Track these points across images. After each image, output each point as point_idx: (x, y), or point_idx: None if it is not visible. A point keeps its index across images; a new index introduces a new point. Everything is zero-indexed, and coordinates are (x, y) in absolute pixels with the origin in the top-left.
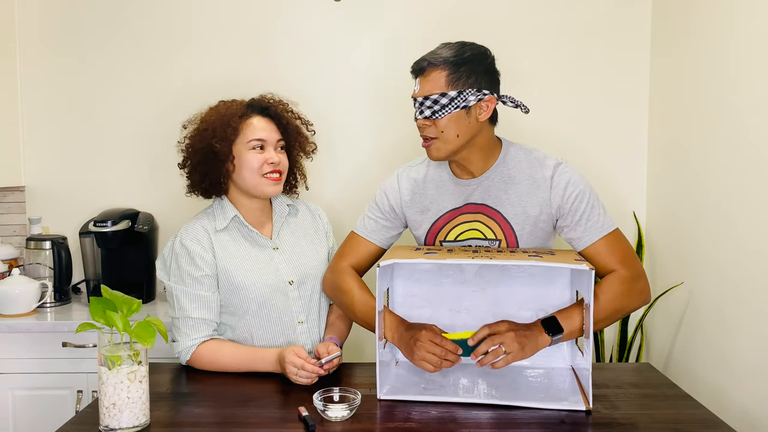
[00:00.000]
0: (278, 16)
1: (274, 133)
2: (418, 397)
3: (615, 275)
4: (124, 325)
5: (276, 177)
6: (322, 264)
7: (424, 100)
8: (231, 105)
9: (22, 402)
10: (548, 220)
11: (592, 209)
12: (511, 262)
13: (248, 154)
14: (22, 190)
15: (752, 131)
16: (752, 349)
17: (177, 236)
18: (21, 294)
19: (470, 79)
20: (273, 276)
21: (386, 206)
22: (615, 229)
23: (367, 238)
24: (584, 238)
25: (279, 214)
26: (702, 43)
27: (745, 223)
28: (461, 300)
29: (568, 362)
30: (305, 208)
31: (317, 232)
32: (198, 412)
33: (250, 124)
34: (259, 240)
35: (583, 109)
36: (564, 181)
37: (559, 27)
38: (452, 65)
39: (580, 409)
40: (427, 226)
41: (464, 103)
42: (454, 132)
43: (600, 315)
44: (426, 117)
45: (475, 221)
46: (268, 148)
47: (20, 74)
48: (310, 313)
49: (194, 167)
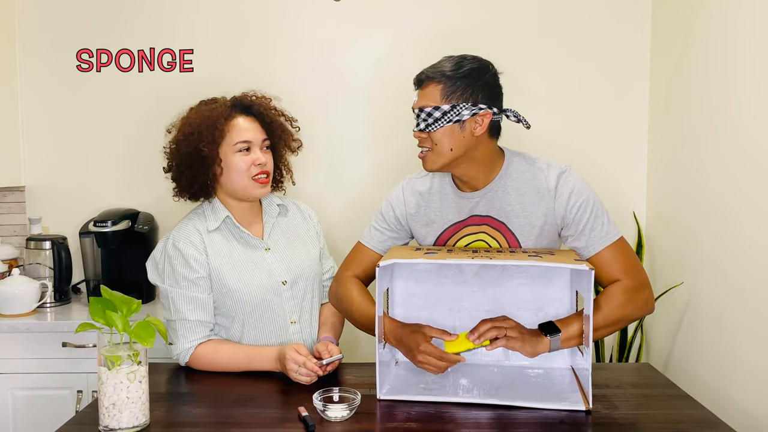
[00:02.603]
0: (278, 16)
1: (259, 133)
2: (418, 397)
3: (618, 285)
4: (124, 325)
5: (264, 179)
6: (314, 263)
7: (419, 112)
8: (214, 106)
9: (22, 402)
10: (553, 230)
11: (596, 219)
12: (510, 262)
13: (235, 157)
14: (22, 190)
15: (753, 131)
16: (752, 349)
17: (168, 238)
18: (21, 294)
19: (465, 93)
20: (266, 277)
21: (392, 218)
22: (619, 238)
23: (372, 248)
24: (588, 248)
25: (269, 214)
26: (702, 45)
27: (745, 223)
28: (461, 300)
29: (568, 362)
30: (295, 207)
31: (308, 231)
32: (197, 413)
33: (235, 126)
34: (251, 241)
35: (583, 110)
36: (567, 190)
37: (557, 30)
38: (448, 79)
39: (579, 409)
40: (432, 238)
41: (457, 117)
42: (447, 145)
43: (602, 323)
44: (420, 129)
45: (480, 233)
46: (254, 149)
47: (20, 75)
48: (302, 313)
49: (181, 172)
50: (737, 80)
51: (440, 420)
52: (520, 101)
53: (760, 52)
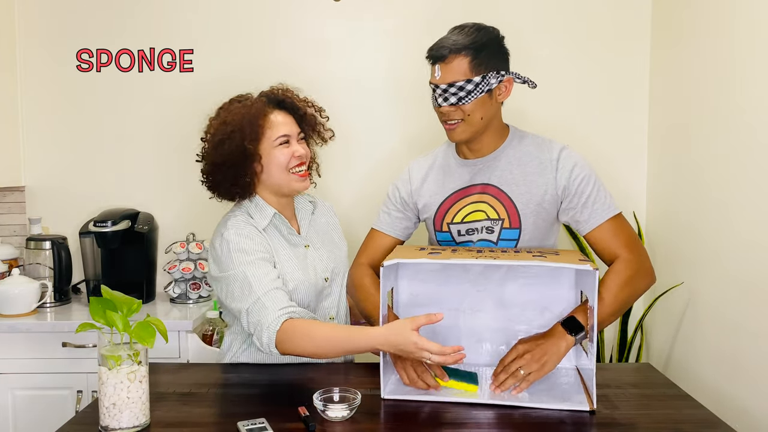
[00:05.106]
0: (278, 16)
1: (294, 126)
2: (420, 396)
3: (622, 261)
4: (124, 325)
5: (303, 173)
6: (346, 260)
7: (448, 87)
8: (249, 103)
9: (22, 402)
10: (553, 201)
11: (598, 191)
12: (515, 262)
13: (275, 151)
14: (22, 190)
15: (753, 131)
16: (752, 348)
17: (223, 233)
18: (21, 294)
19: (491, 62)
20: (313, 274)
21: (397, 198)
22: (620, 212)
23: (383, 231)
24: (591, 220)
25: (303, 211)
26: (702, 43)
27: (745, 223)
28: (465, 300)
29: (573, 362)
30: (321, 204)
31: (335, 228)
32: (198, 412)
33: (273, 121)
34: (293, 238)
35: (582, 110)
36: (570, 163)
37: (557, 30)
38: (474, 51)
39: (584, 410)
40: (434, 208)
41: (488, 87)
42: (479, 115)
43: (615, 306)
44: (452, 104)
45: (480, 202)
46: (292, 142)
47: (20, 75)
48: (339, 308)
49: (224, 172)
50: (737, 79)
51: (442, 420)
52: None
53: (760, 51)
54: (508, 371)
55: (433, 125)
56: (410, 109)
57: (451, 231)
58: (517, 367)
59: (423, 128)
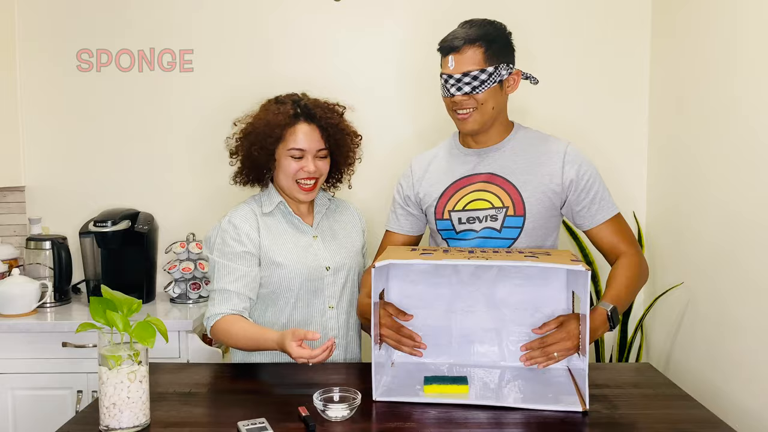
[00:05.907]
0: (278, 16)
1: (316, 142)
2: (414, 398)
3: (627, 258)
4: (124, 325)
5: (308, 186)
6: (357, 256)
7: (462, 76)
8: (281, 109)
9: (22, 402)
10: (558, 191)
11: (604, 190)
12: (507, 262)
13: (286, 160)
14: (22, 190)
15: (753, 130)
16: (752, 348)
17: (225, 217)
18: (21, 294)
19: (502, 54)
20: (312, 259)
21: (402, 195)
22: (619, 211)
23: (393, 230)
24: (597, 216)
25: (320, 206)
26: (702, 42)
27: (745, 223)
28: (457, 301)
29: (564, 363)
30: (347, 207)
31: (354, 227)
32: (198, 412)
33: (294, 133)
34: (301, 226)
35: (582, 110)
36: (579, 159)
37: (555, 31)
38: (487, 42)
39: (576, 410)
40: (436, 196)
41: (499, 77)
42: (491, 105)
43: (626, 300)
44: (466, 93)
45: (483, 191)
46: (306, 157)
47: (20, 75)
48: (341, 300)
49: (243, 162)
50: (737, 79)
51: (438, 421)
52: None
53: (760, 50)
54: (545, 352)
55: (440, 123)
56: (412, 106)
57: (452, 219)
58: (553, 352)
59: (430, 124)
